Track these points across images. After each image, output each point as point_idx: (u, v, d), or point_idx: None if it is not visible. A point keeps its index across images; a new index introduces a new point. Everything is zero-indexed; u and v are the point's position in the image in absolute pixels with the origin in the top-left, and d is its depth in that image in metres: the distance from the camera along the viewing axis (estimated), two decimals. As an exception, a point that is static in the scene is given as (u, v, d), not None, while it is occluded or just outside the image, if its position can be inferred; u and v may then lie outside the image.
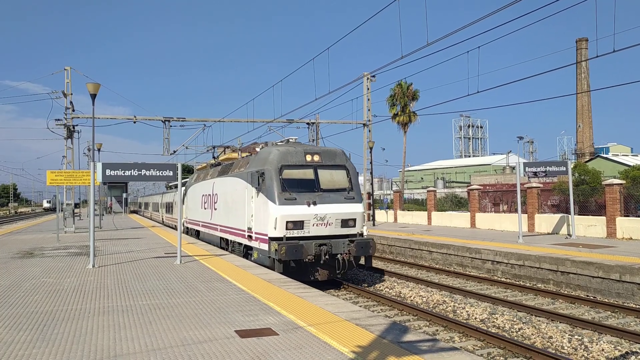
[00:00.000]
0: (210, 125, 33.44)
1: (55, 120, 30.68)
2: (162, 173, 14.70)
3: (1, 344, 6.73)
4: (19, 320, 8.07)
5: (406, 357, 5.95)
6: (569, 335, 10.29)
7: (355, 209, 14.99)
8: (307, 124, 37.42)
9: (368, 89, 35.30)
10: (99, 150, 42.82)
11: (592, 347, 9.50)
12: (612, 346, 9.50)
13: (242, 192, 16.58)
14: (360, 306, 11.95)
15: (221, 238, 20.19)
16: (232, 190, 17.95)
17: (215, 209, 20.78)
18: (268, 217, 14.37)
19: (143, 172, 14.56)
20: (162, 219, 44.83)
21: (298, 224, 14.35)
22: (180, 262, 14.58)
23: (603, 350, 9.34)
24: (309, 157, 15.14)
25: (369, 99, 35.04)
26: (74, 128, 31.42)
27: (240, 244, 17.50)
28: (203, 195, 23.34)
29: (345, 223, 14.87)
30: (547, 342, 9.96)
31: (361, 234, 15.23)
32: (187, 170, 69.02)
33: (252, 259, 15.83)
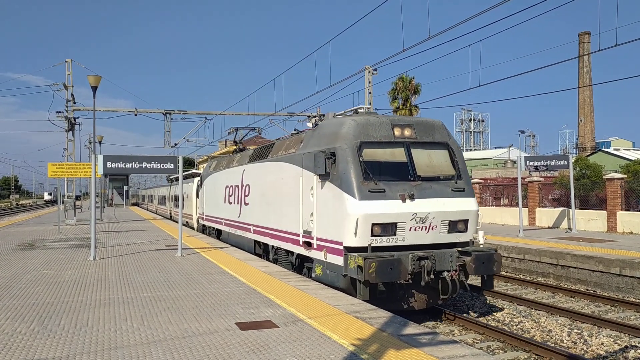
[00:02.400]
0: (212, 118, 33.35)
1: (57, 112, 30.59)
2: (163, 166, 14.70)
3: (2, 335, 6.76)
4: (20, 311, 8.09)
5: (406, 349, 5.96)
6: (568, 329, 10.31)
7: (467, 206, 10.62)
8: (309, 117, 37.36)
9: (369, 82, 35.27)
10: (100, 142, 42.87)
11: (591, 341, 9.52)
12: (612, 340, 9.53)
13: (293, 181, 12.35)
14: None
15: (256, 242, 15.93)
16: (277, 179, 13.68)
17: (246, 204, 16.67)
18: (344, 218, 9.99)
19: (144, 164, 14.56)
20: (170, 213, 40.81)
21: (389, 228, 10.01)
22: (181, 255, 14.61)
23: (602, 344, 9.36)
24: (397, 131, 10.78)
25: (370, 93, 35.01)
26: (74, 120, 31.37)
27: (289, 252, 13.12)
28: (227, 186, 19.12)
29: (453, 226, 10.49)
30: (547, 335, 9.99)
31: (472, 242, 10.92)
32: (188, 163, 69.14)
33: (313, 275, 11.37)
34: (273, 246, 14.32)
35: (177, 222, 31.57)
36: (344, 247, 10.04)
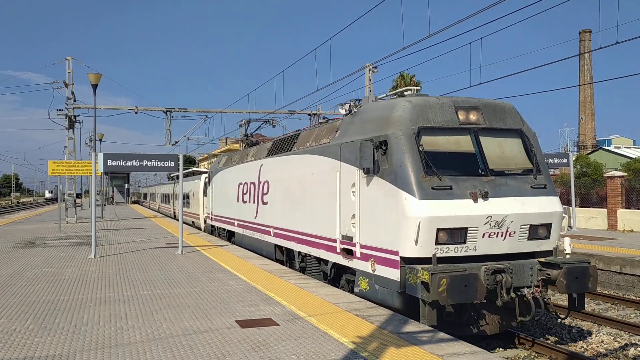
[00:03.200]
0: (212, 116, 33.38)
1: (57, 110, 30.65)
2: (163, 164, 14.72)
3: (3, 332, 6.77)
4: (20, 309, 8.10)
5: (406, 347, 5.97)
6: (568, 326, 10.31)
7: (551, 206, 8.79)
8: (309, 115, 37.36)
9: (370, 80, 35.22)
10: (100, 140, 42.86)
11: (591, 339, 9.53)
12: (612, 338, 9.53)
13: (327, 177, 10.63)
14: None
15: (277, 246, 14.06)
16: (305, 174, 11.89)
17: (264, 203, 14.83)
18: (400, 221, 8.20)
19: (144, 162, 14.59)
20: (174, 212, 38.70)
21: (457, 234, 8.18)
22: (182, 253, 14.62)
23: (602, 342, 9.37)
24: (462, 115, 8.93)
25: (371, 91, 34.96)
26: (75, 118, 31.39)
27: (322, 260, 11.36)
28: (241, 184, 17.31)
29: (534, 231, 8.62)
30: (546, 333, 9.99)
31: (555, 251, 8.90)
32: (189, 161, 69.07)
33: (357, 290, 9.54)
34: (300, 252, 12.36)
35: (185, 224, 28.98)
36: (401, 257, 8.18)
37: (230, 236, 19.48)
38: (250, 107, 37.59)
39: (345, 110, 11.02)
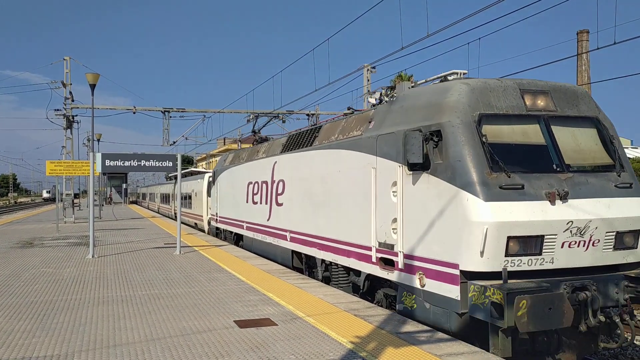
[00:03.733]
0: (210, 116, 33.34)
1: (55, 110, 30.61)
2: (161, 164, 14.71)
3: (1, 333, 6.75)
4: (18, 309, 8.09)
5: (404, 347, 5.97)
6: None
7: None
8: (307, 115, 37.35)
9: (368, 80, 35.23)
10: (98, 140, 42.80)
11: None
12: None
13: (360, 174, 9.32)
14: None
15: (295, 253, 12.67)
16: (330, 172, 10.54)
17: (278, 205, 13.50)
18: (461, 227, 6.87)
19: (142, 162, 14.58)
20: (174, 213, 36.59)
21: (532, 244, 6.85)
22: (180, 253, 14.61)
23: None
24: (529, 100, 7.62)
25: (369, 91, 34.94)
26: (73, 118, 31.34)
27: (352, 270, 9.96)
28: (251, 183, 15.97)
29: (620, 240, 7.29)
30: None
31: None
32: (187, 161, 69.11)
33: (399, 307, 8.20)
34: (324, 260, 10.97)
35: (184, 223, 27.59)
36: (462, 271, 6.82)
37: (238, 240, 18.20)
38: (248, 107, 37.59)
39: (375, 100, 9.76)
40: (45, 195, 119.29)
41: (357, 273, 9.72)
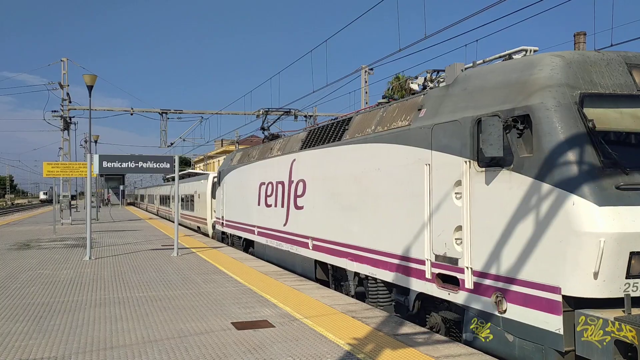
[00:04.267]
0: (208, 117, 33.34)
1: (52, 111, 30.58)
2: (159, 165, 14.70)
3: (-3, 335, 6.74)
4: (15, 311, 8.06)
5: (402, 349, 5.97)
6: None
7: None
8: (305, 116, 37.38)
9: (366, 81, 35.27)
10: (95, 142, 42.78)
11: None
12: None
13: (407, 172, 7.84)
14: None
15: (319, 263, 11.08)
16: (367, 170, 9.00)
17: (298, 208, 12.03)
18: (565, 239, 5.38)
19: (140, 164, 14.57)
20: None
21: None
22: (177, 254, 14.59)
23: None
24: (638, 75, 6.16)
25: (366, 92, 35.00)
26: (70, 120, 31.32)
27: (396, 287, 8.39)
28: (263, 183, 14.56)
29: None
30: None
31: None
32: (185, 163, 69.09)
33: (469, 337, 6.64)
34: (357, 273, 9.39)
35: (185, 227, 26.89)
36: (565, 296, 5.35)
37: (247, 246, 16.56)
38: (246, 108, 37.58)
39: (419, 86, 8.54)
40: (42, 196, 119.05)
41: (404, 291, 8.06)
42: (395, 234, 8.09)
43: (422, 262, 7.35)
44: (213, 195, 22.86)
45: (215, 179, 22.09)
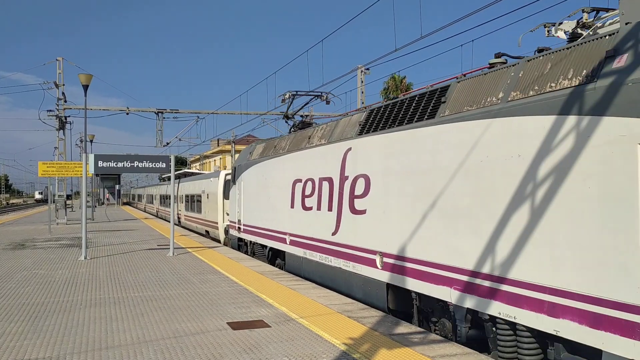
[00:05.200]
0: (204, 117, 33.27)
1: (48, 111, 30.46)
2: (155, 165, 14.67)
3: (-8, 335, 6.71)
4: (10, 311, 8.03)
5: (398, 348, 5.97)
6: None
7: None
8: (301, 116, 37.34)
9: (362, 81, 35.30)
10: (91, 141, 42.66)
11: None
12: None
13: (588, 157, 5.06)
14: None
15: (393, 287, 8.37)
16: (494, 158, 6.29)
17: (356, 212, 9.46)
18: None
19: (136, 163, 14.54)
20: (179, 217, 32.25)
21: None
22: (173, 254, 14.56)
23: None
24: None
25: (362, 92, 35.03)
26: (66, 119, 31.21)
27: (564, 342, 5.47)
28: (298, 180, 11.91)
29: None
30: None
31: None
32: (181, 162, 68.98)
33: None
34: (474, 311, 6.59)
35: (191, 230, 25.00)
36: None
37: (274, 257, 14.00)
38: (242, 108, 37.54)
39: (566, 34, 6.42)
40: (37, 196, 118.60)
41: (572, 347, 5.41)
42: (564, 258, 5.26)
43: (627, 308, 4.59)
44: (225, 196, 20.39)
45: (228, 177, 19.87)
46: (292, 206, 12.23)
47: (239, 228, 16.68)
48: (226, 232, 19.76)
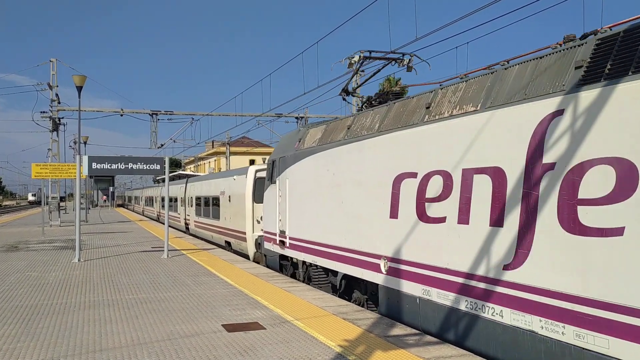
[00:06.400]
0: (199, 119, 33.21)
1: (41, 112, 30.34)
2: (149, 166, 14.63)
3: (-15, 338, 6.66)
4: (3, 314, 7.98)
5: (393, 350, 5.97)
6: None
7: None
8: (296, 118, 37.34)
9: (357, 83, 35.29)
10: (85, 143, 42.51)
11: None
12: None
13: None
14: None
15: None
16: None
17: (578, 231, 4.96)
18: None
19: (130, 165, 14.49)
20: (185, 222, 28.23)
21: None
22: (167, 256, 14.51)
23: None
24: None
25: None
26: (59, 120, 31.09)
27: None
28: (407, 176, 7.82)
29: None
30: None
31: None
32: (175, 164, 68.81)
33: None
34: None
35: (203, 239, 21.60)
36: None
37: (349, 287, 9.87)
38: (237, 109, 37.52)
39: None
40: (30, 198, 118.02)
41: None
42: None
43: None
44: (256, 198, 16.66)
45: (260, 174, 16.42)
46: (394, 215, 8.07)
47: (282, 242, 12.28)
48: (258, 244, 15.76)
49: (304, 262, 11.53)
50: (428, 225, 7.29)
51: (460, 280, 6.58)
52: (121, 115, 32.64)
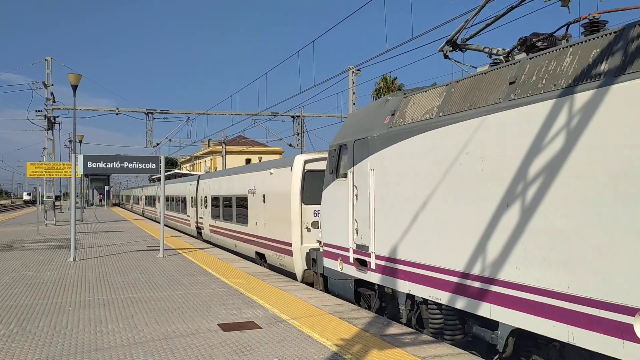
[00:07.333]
0: (194, 117, 33.19)
1: (36, 111, 30.26)
2: (144, 165, 14.60)
3: (-21, 338, 6.63)
4: (-3, 313, 7.95)
5: (389, 349, 5.97)
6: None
7: None
8: (292, 117, 37.33)
9: (353, 82, 35.32)
10: (80, 142, 42.34)
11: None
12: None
13: None
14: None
15: None
16: None
17: None
18: None
19: (125, 164, 14.46)
20: (197, 226, 23.59)
21: None
22: (163, 256, 14.48)
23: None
24: None
25: (354, 93, 35.05)
26: (54, 119, 31.00)
27: None
28: None
29: None
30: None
31: None
32: (171, 163, 68.68)
33: None
34: None
35: (224, 248, 17.82)
36: None
37: (525, 348, 5.80)
38: (233, 108, 37.45)
39: None
40: (25, 197, 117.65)
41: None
42: None
43: None
44: (304, 199, 12.64)
45: (309, 165, 12.73)
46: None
47: (360, 261, 8.82)
48: (311, 260, 11.71)
49: (408, 295, 7.60)
50: None
51: None
52: (117, 114, 32.58)
